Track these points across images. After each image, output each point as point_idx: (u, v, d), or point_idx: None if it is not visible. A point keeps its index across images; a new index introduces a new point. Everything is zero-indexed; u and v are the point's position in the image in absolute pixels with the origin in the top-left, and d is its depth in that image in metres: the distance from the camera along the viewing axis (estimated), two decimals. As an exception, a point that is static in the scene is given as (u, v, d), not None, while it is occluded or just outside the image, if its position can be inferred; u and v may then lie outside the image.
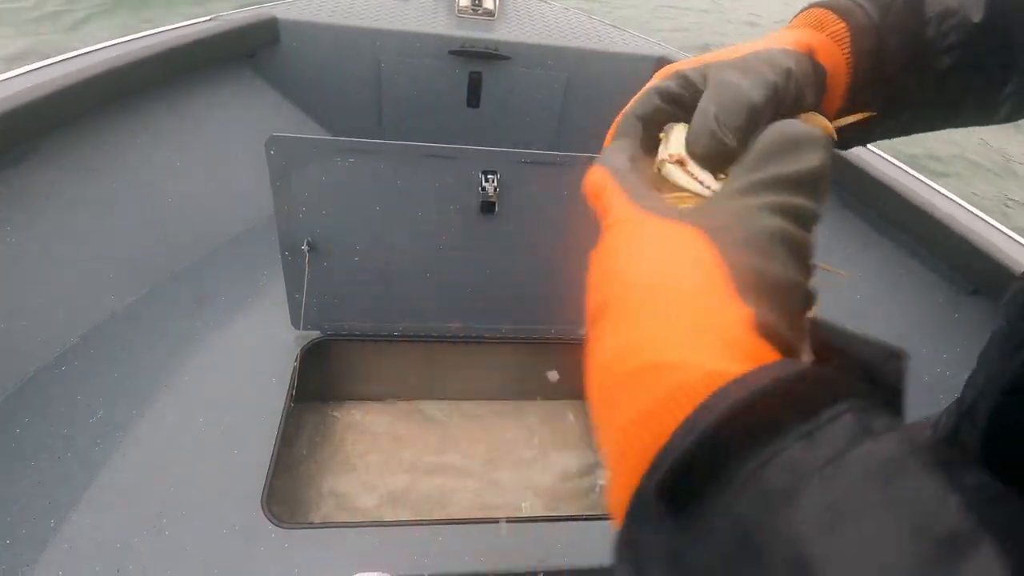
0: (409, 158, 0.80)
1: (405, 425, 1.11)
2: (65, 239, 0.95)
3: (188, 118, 1.22)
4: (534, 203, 0.87)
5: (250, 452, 0.78)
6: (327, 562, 0.67)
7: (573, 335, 1.03)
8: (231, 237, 1.18)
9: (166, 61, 1.13)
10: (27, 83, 0.91)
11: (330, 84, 1.48)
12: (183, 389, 0.86)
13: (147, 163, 1.11)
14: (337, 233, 0.86)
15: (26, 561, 0.64)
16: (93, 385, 0.84)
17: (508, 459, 1.08)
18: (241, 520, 0.70)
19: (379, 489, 1.00)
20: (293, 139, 0.77)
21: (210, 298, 1.02)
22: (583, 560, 0.72)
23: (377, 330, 0.97)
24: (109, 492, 0.72)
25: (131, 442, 0.78)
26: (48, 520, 0.68)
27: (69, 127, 0.99)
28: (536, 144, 1.60)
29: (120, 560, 0.65)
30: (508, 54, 1.46)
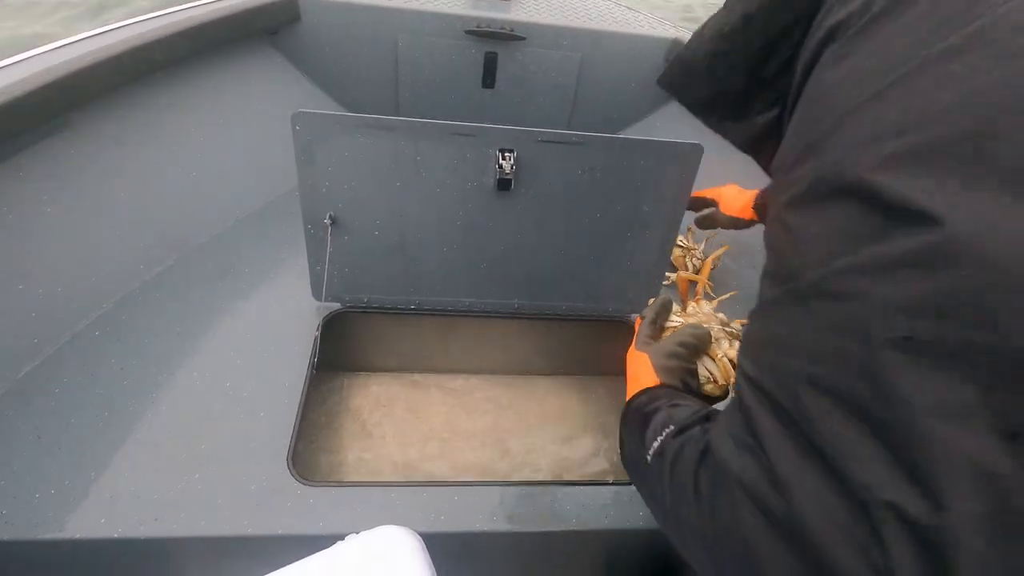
0: (429, 135, 0.82)
1: (420, 396, 1.15)
2: (98, 210, 0.98)
3: (212, 94, 1.25)
4: (549, 181, 0.89)
5: (275, 415, 0.82)
6: (349, 517, 0.72)
7: (583, 311, 1.06)
8: (254, 210, 1.22)
9: (192, 37, 1.16)
10: (58, 58, 0.94)
11: (348, 62, 1.50)
12: (210, 355, 0.90)
13: (174, 137, 1.15)
14: (358, 208, 0.88)
15: (71, 508, 0.69)
16: (126, 350, 0.88)
17: (518, 429, 1.12)
18: (268, 477, 0.75)
19: (395, 455, 1.04)
20: (318, 115, 0.80)
21: (234, 269, 1.06)
22: (585, 521, 0.75)
23: (395, 303, 1.00)
24: (145, 448, 0.76)
25: (163, 403, 0.82)
26: (89, 472, 0.73)
27: (99, 102, 1.02)
28: (550, 124, 1.62)
29: (157, 510, 0.70)
30: (523, 34, 1.47)
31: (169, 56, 1.13)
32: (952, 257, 0.23)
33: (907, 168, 0.25)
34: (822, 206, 0.29)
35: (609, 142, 0.86)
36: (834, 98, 0.31)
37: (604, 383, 1.22)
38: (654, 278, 1.02)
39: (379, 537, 0.61)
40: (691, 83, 0.50)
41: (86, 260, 0.95)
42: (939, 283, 0.24)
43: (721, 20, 0.45)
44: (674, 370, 0.55)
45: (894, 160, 0.26)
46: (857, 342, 0.26)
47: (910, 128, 0.26)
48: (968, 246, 0.23)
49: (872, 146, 0.27)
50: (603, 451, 1.10)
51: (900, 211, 0.25)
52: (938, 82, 0.25)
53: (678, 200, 0.93)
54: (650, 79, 1.57)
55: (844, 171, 0.28)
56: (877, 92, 0.28)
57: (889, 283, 0.25)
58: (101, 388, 0.82)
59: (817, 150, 0.31)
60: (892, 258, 0.25)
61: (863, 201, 0.27)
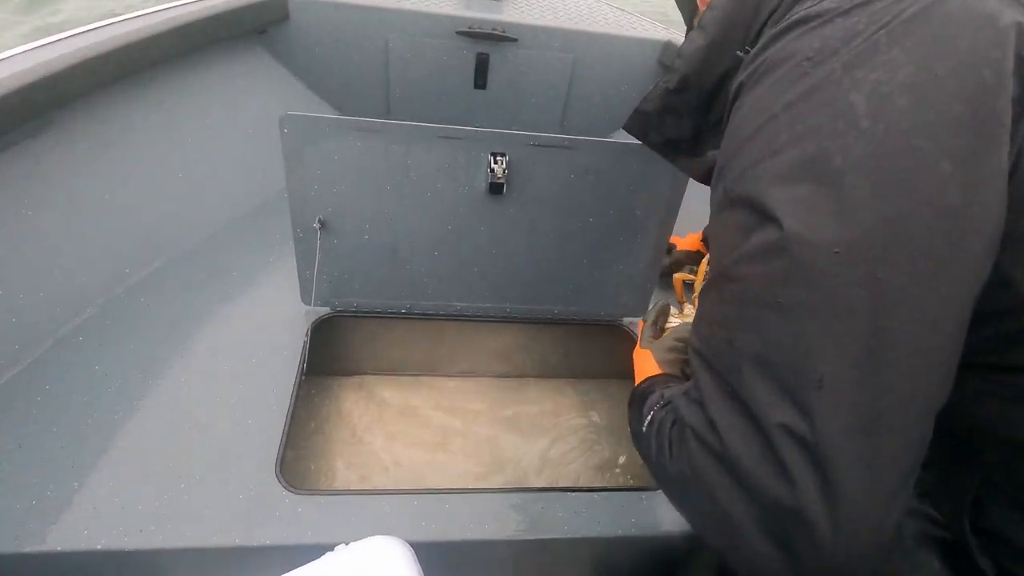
0: (420, 138, 0.82)
1: (411, 400, 1.14)
2: (81, 212, 0.96)
3: (199, 94, 1.23)
4: (541, 185, 0.88)
5: (263, 422, 0.81)
6: (338, 526, 0.71)
7: (575, 315, 1.06)
8: (241, 213, 1.20)
9: (178, 36, 1.14)
10: (41, 57, 0.92)
11: (338, 62, 1.49)
12: (197, 360, 0.88)
13: (160, 138, 1.13)
14: (348, 211, 0.87)
15: (52, 520, 0.67)
16: (111, 355, 0.87)
17: (510, 434, 1.11)
18: (256, 486, 0.73)
19: (385, 461, 1.03)
20: (307, 117, 0.78)
21: (222, 273, 1.04)
22: (576, 529, 0.75)
23: (385, 307, 0.99)
24: (129, 457, 0.75)
25: (148, 410, 0.80)
26: (72, 483, 0.71)
27: (83, 102, 1.00)
28: (542, 126, 1.61)
29: (142, 521, 0.68)
30: (515, 36, 1.46)
31: (155, 55, 1.11)
32: (788, 248, 0.34)
33: (766, 185, 0.37)
34: (727, 212, 0.41)
35: (601, 146, 0.86)
36: (732, 137, 0.42)
37: (597, 386, 1.22)
38: (646, 282, 1.02)
39: (369, 547, 0.60)
40: (648, 131, 0.64)
41: (69, 263, 0.93)
42: (784, 263, 0.35)
43: (666, 80, 0.57)
44: (673, 361, 0.64)
45: (760, 179, 0.37)
46: (751, 309, 0.37)
47: (766, 157, 0.37)
48: (794, 239, 0.34)
49: (749, 171, 0.38)
50: (596, 456, 1.10)
51: (762, 213, 0.36)
52: (779, 127, 0.37)
53: (670, 204, 0.93)
54: (642, 81, 1.58)
55: (735, 187, 0.40)
56: (753, 131, 0.39)
57: (762, 265, 0.36)
58: (84, 395, 0.81)
59: (722, 174, 0.42)
60: (761, 249, 0.36)
61: (746, 207, 0.38)
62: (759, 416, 0.35)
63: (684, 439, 0.41)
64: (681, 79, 0.56)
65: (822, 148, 0.34)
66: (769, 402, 0.34)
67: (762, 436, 0.35)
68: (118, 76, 1.05)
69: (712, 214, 0.44)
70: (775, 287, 0.35)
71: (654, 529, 0.76)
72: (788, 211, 0.35)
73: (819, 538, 0.32)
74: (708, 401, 0.39)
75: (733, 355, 0.37)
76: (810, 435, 0.33)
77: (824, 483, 0.32)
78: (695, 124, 0.59)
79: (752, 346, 0.36)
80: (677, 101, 0.58)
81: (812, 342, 0.33)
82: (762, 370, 0.35)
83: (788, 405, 0.34)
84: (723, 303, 0.40)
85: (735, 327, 0.38)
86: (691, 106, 0.58)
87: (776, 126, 0.37)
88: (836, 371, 0.33)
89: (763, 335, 0.36)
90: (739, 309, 0.38)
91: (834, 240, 0.33)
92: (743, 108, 0.41)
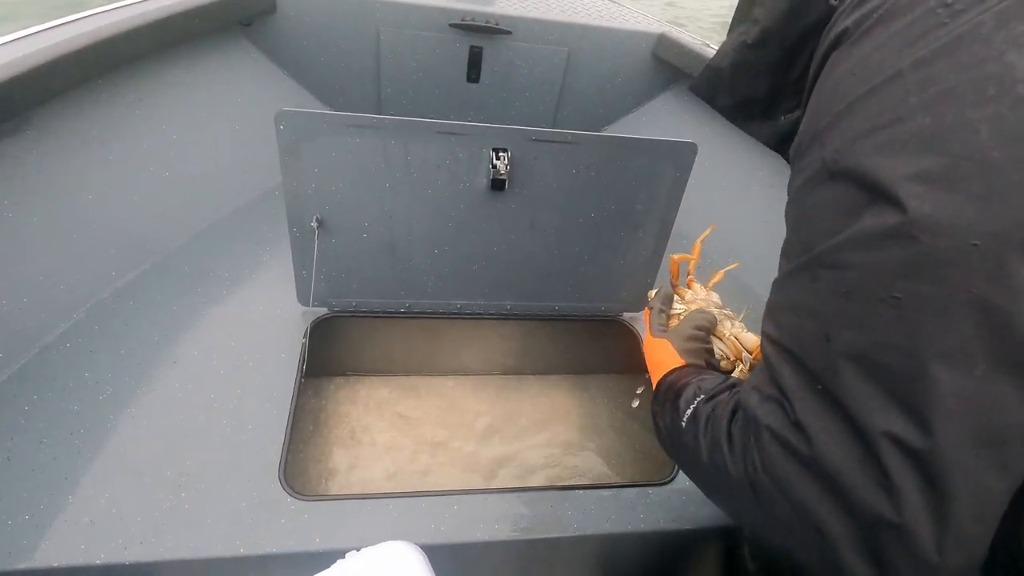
0: (420, 134, 0.80)
1: (411, 400, 1.13)
2: (63, 213, 0.93)
3: (183, 89, 1.19)
4: (543, 181, 0.87)
5: (263, 426, 0.79)
6: (347, 532, 0.69)
7: (576, 311, 1.05)
8: (230, 211, 1.17)
9: (160, 29, 1.10)
10: (17, 52, 0.88)
11: (327, 55, 1.45)
12: (191, 365, 0.86)
13: (143, 135, 1.09)
14: (346, 209, 0.85)
15: (47, 535, 0.65)
16: (100, 362, 0.84)
17: (512, 431, 1.10)
18: (259, 493, 0.72)
19: (386, 462, 1.02)
20: (304, 114, 0.76)
21: (213, 273, 1.02)
22: (587, 526, 0.75)
23: (384, 306, 0.98)
24: (125, 467, 0.72)
25: (143, 418, 0.78)
26: (66, 496, 0.68)
27: (63, 98, 0.96)
28: (536, 119, 1.60)
29: (142, 533, 0.66)
30: (509, 28, 1.44)
31: (137, 49, 1.07)
32: (913, 235, 0.29)
33: (883, 157, 0.31)
34: (825, 187, 0.35)
35: (604, 141, 0.85)
36: (834, 96, 0.36)
37: (598, 381, 1.22)
38: (647, 276, 1.02)
39: (382, 553, 0.59)
40: (720, 90, 0.56)
41: (52, 267, 0.89)
42: (907, 252, 0.30)
43: (742, 32, 0.51)
44: (696, 351, 0.61)
45: (875, 151, 0.32)
46: (856, 303, 0.32)
47: (885, 125, 0.31)
48: (922, 225, 0.29)
49: (860, 140, 0.33)
50: (600, 452, 1.09)
51: (879, 192, 0.31)
52: (906, 88, 0.31)
53: (672, 199, 0.92)
54: (637, 74, 1.57)
55: (841, 159, 0.34)
56: (866, 91, 0.33)
57: (875, 253, 0.31)
58: (74, 404, 0.78)
59: (820, 141, 0.36)
60: (876, 233, 0.31)
61: (854, 182, 0.33)
62: (861, 422, 0.31)
63: (759, 440, 0.37)
64: (762, 31, 0.48)
65: (964, 118, 0.28)
66: (875, 407, 0.31)
67: (863, 444, 0.31)
68: (99, 72, 1.01)
69: (797, 188, 0.38)
70: (892, 279, 0.30)
71: (662, 524, 0.76)
72: (914, 191, 0.29)
73: (922, 558, 0.30)
74: (795, 400, 0.35)
75: (830, 352, 0.33)
76: (924, 446, 0.29)
77: (935, 499, 0.29)
78: (772, 82, 0.52)
79: (856, 344, 0.32)
80: (754, 57, 0.50)
81: (934, 344, 0.29)
82: (868, 371, 0.31)
83: (898, 412, 0.30)
84: (818, 293, 0.35)
85: (834, 321, 0.33)
86: (770, 63, 0.50)
87: (901, 87, 0.31)
88: (959, 379, 0.29)
89: (872, 333, 0.31)
90: (841, 301, 0.33)
91: (973, 228, 0.28)
92: (849, 62, 0.35)
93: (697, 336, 0.63)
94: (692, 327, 0.64)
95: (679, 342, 0.61)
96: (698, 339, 0.63)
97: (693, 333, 0.63)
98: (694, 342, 0.62)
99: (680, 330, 0.64)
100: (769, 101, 0.53)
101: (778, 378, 0.37)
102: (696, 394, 0.49)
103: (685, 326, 0.64)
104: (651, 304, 0.69)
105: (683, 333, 0.63)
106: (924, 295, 0.29)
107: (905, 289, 0.30)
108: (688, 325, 0.64)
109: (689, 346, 0.61)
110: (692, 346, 0.61)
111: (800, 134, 0.39)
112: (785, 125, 0.52)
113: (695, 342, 0.62)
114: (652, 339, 0.64)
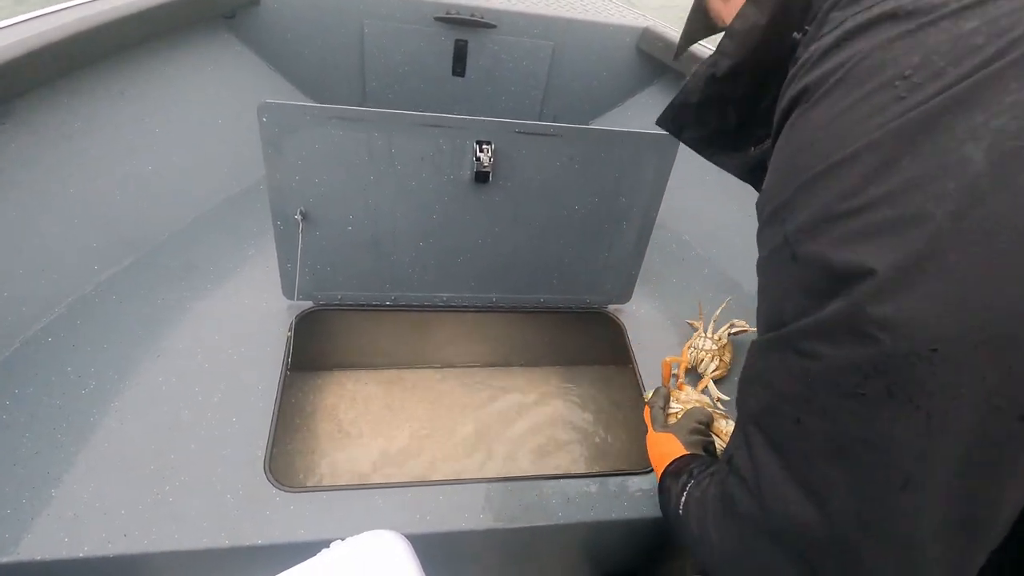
0: (404, 127, 0.80)
1: (397, 392, 1.13)
2: (43, 208, 0.92)
3: (165, 81, 1.18)
4: (527, 173, 0.88)
5: (249, 420, 0.79)
6: (332, 522, 0.70)
7: (561, 303, 1.06)
8: (214, 205, 1.16)
9: (142, 21, 1.09)
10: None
11: (311, 48, 1.44)
12: (176, 359, 0.85)
13: (125, 128, 1.08)
14: (330, 202, 0.85)
15: (30, 530, 0.64)
16: (83, 356, 0.83)
17: (498, 423, 1.11)
18: (244, 485, 0.72)
19: (373, 454, 1.02)
20: (287, 106, 0.76)
21: (197, 267, 1.01)
22: (571, 514, 0.76)
23: (369, 299, 0.98)
24: (109, 461, 0.72)
25: (127, 412, 0.78)
26: (49, 490, 0.68)
27: (41, 91, 0.95)
28: (521, 113, 1.60)
29: (126, 526, 0.66)
30: (494, 22, 1.44)
31: (118, 41, 1.06)
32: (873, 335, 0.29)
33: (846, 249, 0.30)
34: (790, 266, 0.34)
35: (587, 133, 0.86)
36: (793, 167, 0.35)
37: (583, 373, 1.23)
38: (631, 268, 1.03)
39: (367, 542, 0.59)
40: (687, 124, 0.55)
41: (33, 262, 0.88)
42: (869, 351, 0.29)
43: (711, 65, 0.48)
44: (697, 443, 0.67)
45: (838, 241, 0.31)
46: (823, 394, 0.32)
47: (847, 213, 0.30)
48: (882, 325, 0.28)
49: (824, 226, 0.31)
50: (585, 442, 1.11)
51: (842, 284, 0.30)
52: (865, 173, 0.30)
53: (655, 191, 0.93)
54: (622, 68, 1.57)
55: (803, 242, 0.33)
56: (825, 168, 0.32)
57: (839, 347, 0.31)
58: (57, 398, 0.77)
59: (781, 217, 0.35)
60: (838, 327, 0.31)
61: (818, 270, 0.32)
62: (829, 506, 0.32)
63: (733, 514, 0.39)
64: (733, 65, 0.46)
65: (924, 212, 0.28)
66: (843, 495, 0.31)
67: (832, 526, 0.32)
68: (79, 64, 1.00)
69: (763, 258, 0.38)
70: (856, 376, 0.30)
71: (645, 511, 0.77)
72: (874, 289, 0.29)
73: None
74: (762, 479, 0.36)
75: (801, 437, 0.34)
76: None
77: None
78: (741, 114, 0.51)
79: (824, 433, 0.32)
80: (724, 90, 0.49)
81: (900, 442, 0.29)
82: (838, 461, 0.31)
83: (868, 500, 0.31)
84: (789, 376, 0.34)
85: (804, 409, 0.33)
86: (740, 95, 0.49)
87: (860, 171, 0.30)
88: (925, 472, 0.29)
89: (839, 425, 0.31)
90: (810, 390, 0.33)
91: (931, 333, 0.27)
92: (807, 129, 0.34)
93: (698, 430, 0.69)
94: (695, 422, 0.70)
95: (683, 435, 0.67)
96: (700, 432, 0.68)
97: (695, 427, 0.69)
98: (696, 435, 0.68)
99: (683, 424, 0.69)
100: (738, 132, 0.52)
101: (750, 454, 0.38)
102: (689, 479, 0.53)
103: (687, 421, 0.70)
104: (650, 402, 0.76)
105: (686, 427, 0.69)
106: (887, 392, 0.29)
107: (871, 386, 0.29)
108: (691, 420, 0.70)
109: (692, 439, 0.67)
110: (695, 439, 0.67)
111: (763, 194, 0.39)
112: (756, 155, 0.52)
113: (697, 435, 0.68)
114: (656, 433, 0.69)
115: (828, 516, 0.32)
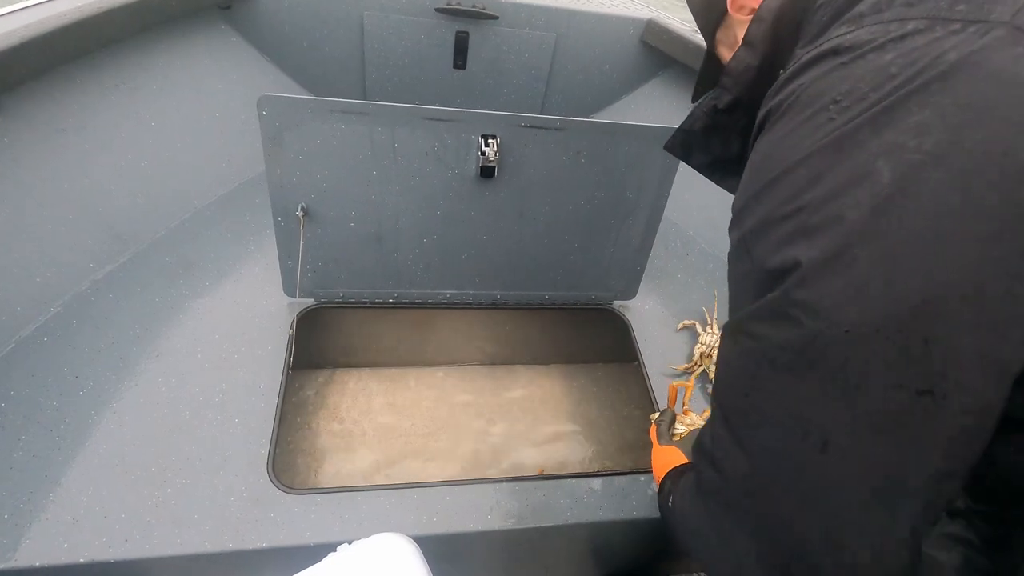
0: (407, 120, 0.78)
1: (401, 391, 1.12)
2: (37, 204, 0.90)
3: (160, 74, 1.15)
4: (533, 168, 0.86)
5: (251, 420, 0.78)
6: (337, 525, 0.69)
7: (566, 299, 1.04)
8: (212, 200, 1.14)
9: (136, 12, 1.06)
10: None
11: (310, 40, 1.42)
12: (174, 358, 0.84)
13: (120, 122, 1.05)
14: (332, 198, 0.83)
15: (28, 535, 0.63)
16: (80, 356, 0.81)
17: (502, 421, 1.10)
18: (247, 487, 0.71)
19: (376, 454, 1.01)
20: (287, 99, 0.74)
21: (195, 265, 0.99)
22: (579, 515, 0.75)
23: (372, 297, 0.96)
24: (108, 463, 0.70)
25: (126, 412, 0.76)
26: (47, 493, 0.67)
27: (34, 84, 0.92)
28: (524, 106, 1.58)
29: (127, 530, 0.65)
30: (496, 13, 1.42)
31: (112, 32, 1.03)
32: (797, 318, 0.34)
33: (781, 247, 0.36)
34: (743, 262, 0.40)
35: (594, 127, 0.84)
36: (750, 179, 0.41)
37: (589, 370, 1.22)
38: (637, 264, 1.01)
39: (375, 545, 0.58)
40: (694, 149, 0.62)
41: (27, 260, 0.86)
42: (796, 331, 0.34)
43: (715, 98, 0.55)
44: None
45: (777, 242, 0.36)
46: (763, 368, 0.37)
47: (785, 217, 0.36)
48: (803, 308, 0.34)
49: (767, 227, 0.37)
50: (591, 440, 1.10)
51: (776, 277, 0.36)
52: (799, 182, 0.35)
53: (662, 186, 0.92)
54: (625, 60, 1.55)
55: (751, 241, 0.39)
56: (771, 180, 0.37)
57: (774, 329, 0.36)
58: (54, 400, 0.76)
59: (739, 220, 0.41)
60: (774, 311, 0.36)
61: (760, 266, 0.38)
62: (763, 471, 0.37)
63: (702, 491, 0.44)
64: (733, 99, 0.53)
65: (840, 216, 0.33)
66: (774, 458, 0.36)
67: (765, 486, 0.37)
68: (71, 56, 0.97)
69: (728, 254, 0.44)
70: (788, 354, 0.35)
71: (654, 511, 0.77)
72: (798, 279, 0.34)
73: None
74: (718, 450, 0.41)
75: (748, 408, 0.39)
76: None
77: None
78: (743, 142, 0.57)
79: (764, 403, 0.37)
80: (726, 120, 0.56)
81: (820, 409, 0.34)
82: (771, 428, 0.37)
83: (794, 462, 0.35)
84: (741, 355, 0.40)
85: (751, 385, 0.39)
86: (741, 126, 0.55)
87: (796, 182, 0.36)
88: (843, 438, 0.33)
89: (776, 396, 0.37)
90: (756, 366, 0.38)
91: (842, 317, 0.32)
92: (764, 147, 0.40)
93: None
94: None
95: (687, 449, 0.71)
96: None
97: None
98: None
99: (687, 440, 0.74)
100: (740, 159, 0.57)
101: (712, 425, 0.43)
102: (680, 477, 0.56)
103: (692, 439, 0.74)
104: (657, 421, 0.79)
105: (690, 442, 0.72)
106: (809, 367, 0.34)
107: (796, 362, 0.35)
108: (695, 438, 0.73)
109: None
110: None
111: (734, 200, 0.44)
112: None
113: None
114: (662, 447, 0.73)
115: (761, 477, 0.37)
